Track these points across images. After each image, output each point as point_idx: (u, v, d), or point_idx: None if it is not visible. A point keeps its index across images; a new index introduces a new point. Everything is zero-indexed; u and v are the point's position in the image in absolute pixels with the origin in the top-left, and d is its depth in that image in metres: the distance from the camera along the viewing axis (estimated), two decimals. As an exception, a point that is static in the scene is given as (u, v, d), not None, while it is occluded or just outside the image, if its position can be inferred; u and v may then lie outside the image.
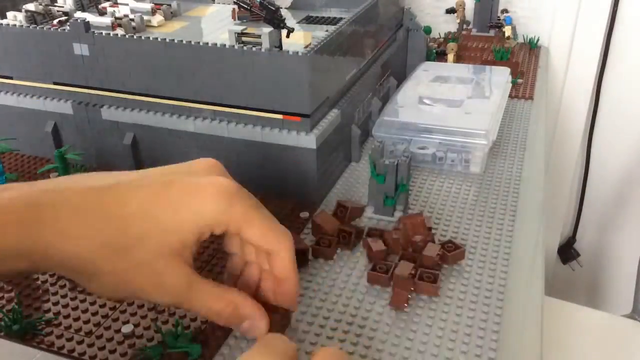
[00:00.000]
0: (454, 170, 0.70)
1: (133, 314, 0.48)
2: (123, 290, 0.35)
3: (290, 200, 0.63)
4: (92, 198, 0.33)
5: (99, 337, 0.45)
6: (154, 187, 0.34)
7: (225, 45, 0.58)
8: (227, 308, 0.37)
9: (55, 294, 0.50)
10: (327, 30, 0.63)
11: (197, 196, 0.34)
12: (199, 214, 0.34)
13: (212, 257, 0.55)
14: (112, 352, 0.44)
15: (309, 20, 0.86)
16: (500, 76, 0.86)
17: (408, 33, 0.94)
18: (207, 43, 0.59)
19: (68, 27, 0.64)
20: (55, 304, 0.49)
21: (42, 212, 0.32)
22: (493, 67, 0.91)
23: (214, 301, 0.37)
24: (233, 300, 0.38)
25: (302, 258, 0.53)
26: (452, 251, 0.53)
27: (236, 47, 0.59)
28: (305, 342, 0.44)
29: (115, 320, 0.47)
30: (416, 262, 0.51)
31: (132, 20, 0.77)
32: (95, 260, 0.32)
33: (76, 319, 0.47)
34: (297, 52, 0.56)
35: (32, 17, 0.74)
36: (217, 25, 0.83)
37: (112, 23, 0.75)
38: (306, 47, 0.59)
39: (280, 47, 0.61)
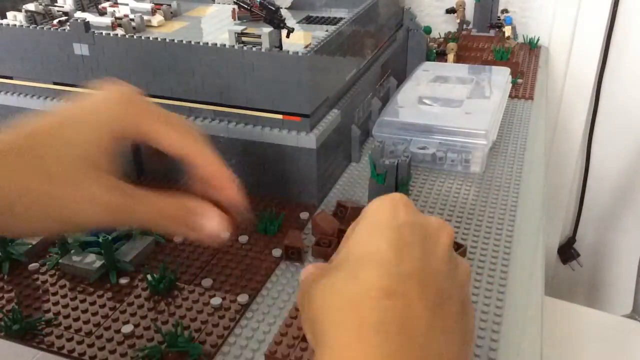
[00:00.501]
0: (454, 170, 0.70)
1: (133, 314, 0.48)
2: (56, 218, 0.33)
3: (290, 200, 0.63)
4: (11, 147, 0.32)
5: (99, 337, 0.45)
6: (57, 113, 0.34)
7: (225, 45, 0.58)
8: (178, 209, 0.34)
9: (55, 294, 0.50)
10: (327, 30, 0.63)
11: (96, 102, 0.35)
12: (100, 114, 0.34)
13: (212, 256, 0.55)
14: (112, 352, 0.44)
15: (309, 20, 0.86)
16: (500, 76, 0.86)
17: (408, 33, 0.94)
18: (207, 43, 0.59)
19: (68, 27, 0.64)
20: (55, 304, 0.49)
21: None
22: (493, 67, 0.91)
23: (162, 203, 0.34)
24: (180, 199, 0.35)
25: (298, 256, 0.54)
26: (455, 250, 0.53)
27: (236, 47, 0.59)
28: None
29: (115, 320, 0.47)
30: None
31: (132, 20, 0.77)
32: (20, 197, 0.31)
33: (76, 319, 0.47)
34: (297, 52, 0.56)
35: (32, 17, 0.74)
36: (217, 25, 0.83)
37: (112, 23, 0.75)
38: (306, 47, 0.59)
39: (280, 47, 0.61)
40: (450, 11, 1.20)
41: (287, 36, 0.65)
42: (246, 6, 0.76)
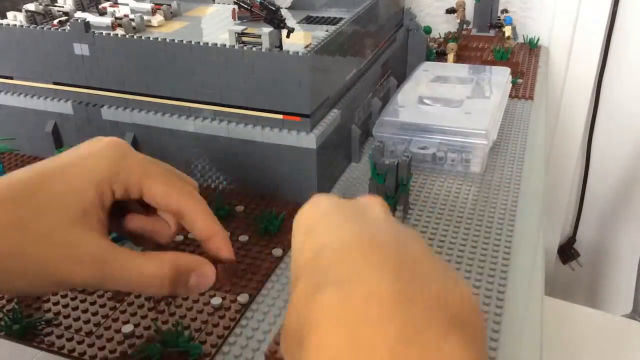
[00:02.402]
0: (454, 170, 0.70)
1: (133, 314, 0.48)
2: (52, 279, 0.31)
3: (290, 201, 0.63)
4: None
5: (99, 337, 0.46)
6: (41, 165, 0.33)
7: (225, 45, 0.59)
8: (163, 268, 0.32)
9: (55, 293, 0.50)
10: (327, 30, 0.63)
11: (86, 156, 0.33)
12: (91, 171, 0.32)
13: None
14: (112, 352, 0.44)
15: (309, 20, 0.86)
16: (500, 76, 0.86)
17: (408, 33, 0.94)
18: (207, 43, 0.59)
19: (68, 27, 0.64)
20: (56, 304, 0.49)
21: None
22: (493, 67, 0.91)
23: (146, 264, 0.32)
24: (168, 258, 0.33)
25: None
26: None
27: (236, 47, 0.59)
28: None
29: (115, 320, 0.47)
30: None
31: (132, 20, 0.77)
32: None
33: (76, 319, 0.47)
34: (297, 52, 0.56)
35: (32, 17, 0.74)
36: (217, 25, 0.83)
37: (112, 23, 0.75)
38: (306, 47, 0.59)
39: (280, 47, 0.61)
40: (450, 11, 1.20)
41: (287, 36, 0.65)
42: (246, 6, 0.76)
